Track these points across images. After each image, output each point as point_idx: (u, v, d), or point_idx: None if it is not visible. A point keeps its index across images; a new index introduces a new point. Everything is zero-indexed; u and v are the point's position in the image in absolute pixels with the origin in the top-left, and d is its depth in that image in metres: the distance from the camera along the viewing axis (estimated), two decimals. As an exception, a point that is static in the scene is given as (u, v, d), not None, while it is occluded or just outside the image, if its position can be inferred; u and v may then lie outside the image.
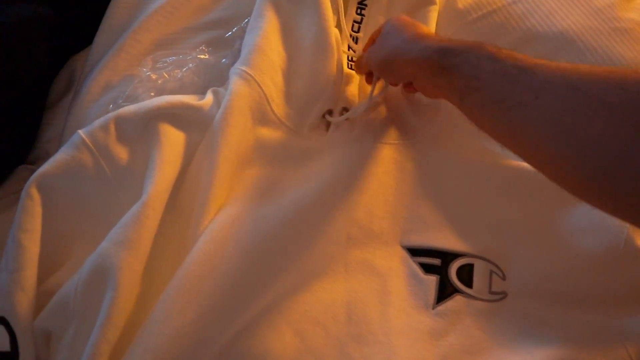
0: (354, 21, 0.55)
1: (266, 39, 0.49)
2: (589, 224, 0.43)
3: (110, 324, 0.38)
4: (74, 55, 0.56)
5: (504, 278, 0.46)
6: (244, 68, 0.48)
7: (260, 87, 0.48)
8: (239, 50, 0.50)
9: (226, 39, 0.53)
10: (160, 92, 0.49)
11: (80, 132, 0.44)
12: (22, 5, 0.50)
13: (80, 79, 0.54)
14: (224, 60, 0.51)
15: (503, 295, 0.46)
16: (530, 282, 0.45)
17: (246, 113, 0.46)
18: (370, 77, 0.51)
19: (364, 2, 0.56)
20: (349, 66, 0.53)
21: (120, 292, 0.39)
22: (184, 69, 0.46)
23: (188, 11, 0.56)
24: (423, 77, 0.40)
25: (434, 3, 0.55)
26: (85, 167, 0.43)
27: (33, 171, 0.44)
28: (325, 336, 0.43)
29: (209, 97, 0.47)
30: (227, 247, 0.41)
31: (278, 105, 0.49)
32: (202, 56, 0.51)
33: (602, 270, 0.43)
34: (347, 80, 0.52)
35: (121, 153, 0.44)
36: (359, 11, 0.55)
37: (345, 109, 0.51)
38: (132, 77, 0.51)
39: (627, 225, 0.42)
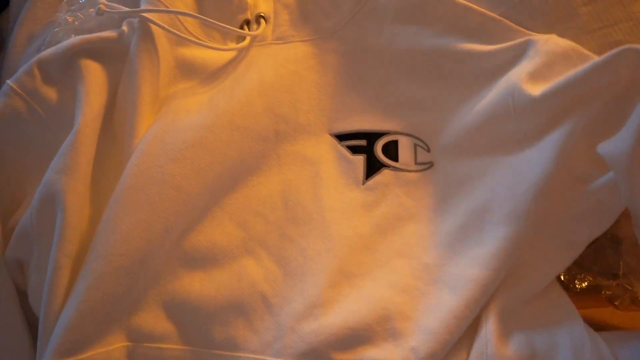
0: None
1: None
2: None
3: (65, 240, 0.43)
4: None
5: (428, 150, 0.50)
6: (151, -7, 0.49)
7: (170, 10, 0.50)
8: (148, -22, 0.52)
9: (134, -31, 0.54)
10: (79, 33, 0.51)
11: (8, 81, 0.47)
12: None
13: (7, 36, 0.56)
14: (135, -10, 0.53)
15: (429, 164, 0.50)
16: (452, 147, 0.48)
17: (161, 36, 0.49)
18: None
19: None
20: None
21: (68, 211, 0.43)
22: (97, 6, 0.48)
23: (94, -50, 0.57)
24: None
25: None
26: (19, 113, 0.47)
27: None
28: (266, 223, 0.47)
29: (123, 28, 0.49)
30: (158, 158, 0.45)
31: (192, 24, 0.51)
32: (112, -10, 0.52)
33: (509, 118, 0.45)
34: None
35: (50, 93, 0.47)
36: None
37: (262, 16, 0.53)
38: (52, 23, 0.53)
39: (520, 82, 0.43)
